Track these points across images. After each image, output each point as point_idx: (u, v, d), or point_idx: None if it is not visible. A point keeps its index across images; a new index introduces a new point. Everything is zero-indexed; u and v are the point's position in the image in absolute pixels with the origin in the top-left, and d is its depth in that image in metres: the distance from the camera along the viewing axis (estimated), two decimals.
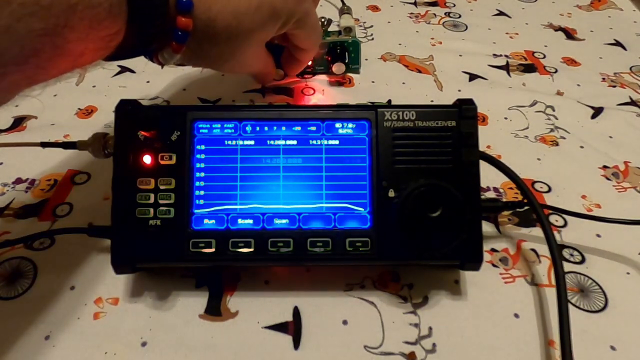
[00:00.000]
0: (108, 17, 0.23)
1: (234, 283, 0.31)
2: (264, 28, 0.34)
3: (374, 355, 0.28)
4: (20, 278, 0.32)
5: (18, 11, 0.19)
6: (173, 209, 0.28)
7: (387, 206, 0.28)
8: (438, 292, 0.31)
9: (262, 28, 0.34)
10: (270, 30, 0.35)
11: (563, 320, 0.27)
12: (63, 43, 0.22)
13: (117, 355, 0.28)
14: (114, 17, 0.24)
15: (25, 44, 0.20)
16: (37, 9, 0.20)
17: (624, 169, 0.40)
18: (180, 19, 0.28)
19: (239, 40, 0.33)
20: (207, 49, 0.32)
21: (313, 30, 0.39)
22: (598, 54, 0.54)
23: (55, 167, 0.39)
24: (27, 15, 0.19)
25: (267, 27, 0.34)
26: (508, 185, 0.38)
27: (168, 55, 0.30)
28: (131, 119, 0.29)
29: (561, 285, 0.28)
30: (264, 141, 0.29)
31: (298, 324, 0.29)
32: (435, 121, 0.29)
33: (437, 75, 0.50)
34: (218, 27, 0.31)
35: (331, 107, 0.30)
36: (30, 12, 0.19)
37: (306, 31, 0.39)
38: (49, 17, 0.20)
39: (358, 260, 0.29)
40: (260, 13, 0.32)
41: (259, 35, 0.34)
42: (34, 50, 0.21)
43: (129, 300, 0.31)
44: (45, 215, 0.35)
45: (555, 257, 0.29)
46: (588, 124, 0.45)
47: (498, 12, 0.62)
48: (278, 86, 0.48)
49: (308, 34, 0.39)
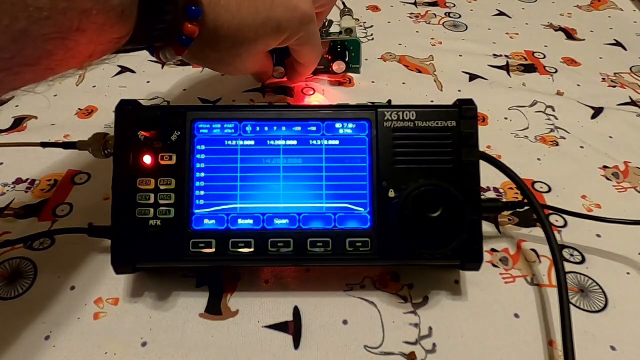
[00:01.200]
0: (120, 20, 0.23)
1: (234, 282, 0.31)
2: (266, 41, 0.35)
3: (374, 355, 0.28)
4: (20, 278, 0.32)
5: (35, 15, 0.19)
6: (173, 209, 0.28)
7: (387, 206, 0.28)
8: (438, 292, 0.31)
9: (264, 41, 0.34)
10: (272, 43, 0.36)
11: (565, 320, 0.27)
12: (75, 45, 0.22)
13: (117, 355, 0.28)
14: (125, 21, 0.24)
15: (39, 46, 0.20)
16: (52, 13, 0.20)
17: (624, 169, 0.40)
18: (187, 25, 0.28)
19: (241, 49, 0.33)
20: (208, 53, 0.33)
21: (313, 49, 0.40)
22: (598, 54, 0.54)
23: (55, 167, 0.39)
24: (43, 19, 0.20)
25: (269, 41, 0.35)
26: (508, 185, 0.38)
27: (170, 55, 0.30)
28: (131, 119, 0.29)
29: (562, 285, 0.28)
30: (264, 141, 0.29)
31: (298, 324, 0.29)
32: (435, 121, 0.29)
33: (437, 75, 0.50)
34: (222, 36, 0.31)
35: (331, 107, 0.30)
36: (46, 16, 0.20)
37: (307, 49, 0.40)
38: (64, 21, 0.20)
39: (358, 260, 0.29)
40: (264, 28, 0.33)
41: (261, 46, 0.35)
42: (46, 52, 0.21)
43: (129, 300, 0.31)
44: (45, 215, 0.35)
45: (556, 257, 0.29)
46: (588, 124, 0.45)
47: (498, 12, 0.62)
48: (278, 86, 0.48)
49: (308, 51, 0.40)
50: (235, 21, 0.31)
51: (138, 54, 0.31)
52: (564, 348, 0.27)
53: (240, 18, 0.31)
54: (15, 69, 0.21)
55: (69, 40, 0.21)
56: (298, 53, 0.40)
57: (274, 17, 0.33)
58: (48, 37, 0.20)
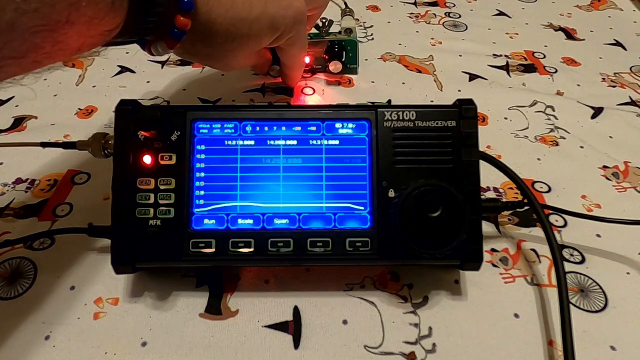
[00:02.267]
0: (110, 12, 0.23)
1: (234, 282, 0.31)
2: (259, 38, 0.34)
3: (374, 355, 0.28)
4: (20, 278, 0.32)
5: (22, 7, 0.19)
6: (173, 209, 0.28)
7: (387, 206, 0.28)
8: (438, 292, 0.31)
9: (257, 37, 0.34)
10: (264, 41, 0.35)
11: (565, 320, 0.27)
12: (63, 38, 0.22)
13: (117, 355, 0.28)
14: (115, 12, 0.23)
15: (26, 39, 0.20)
16: (40, 6, 0.19)
17: (624, 169, 0.40)
18: (179, 17, 0.28)
19: (233, 45, 0.33)
20: (200, 48, 0.33)
21: (300, 50, 0.41)
22: (598, 54, 0.54)
23: (55, 167, 0.39)
24: (31, 11, 0.19)
25: (262, 38, 0.35)
26: (508, 185, 0.38)
27: (161, 49, 0.30)
28: (131, 119, 0.29)
29: (562, 286, 0.28)
30: (264, 141, 0.29)
31: (298, 324, 0.29)
32: (435, 121, 0.29)
33: (437, 75, 0.50)
34: (215, 30, 0.31)
35: (331, 107, 0.30)
36: (34, 9, 0.19)
37: (294, 50, 0.40)
38: (52, 14, 0.20)
39: (358, 260, 0.29)
40: (258, 23, 0.33)
41: (253, 43, 0.35)
42: (34, 44, 0.21)
43: (129, 300, 0.31)
44: (45, 215, 0.35)
45: (556, 257, 0.29)
46: (588, 124, 0.45)
47: (498, 12, 0.62)
48: (278, 86, 0.48)
49: (295, 52, 0.40)
50: (228, 15, 0.31)
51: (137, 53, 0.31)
52: (564, 348, 0.27)
53: (233, 12, 0.31)
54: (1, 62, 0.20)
55: (57, 33, 0.21)
56: (285, 53, 0.40)
57: (268, 13, 0.33)
58: (36, 30, 0.20)
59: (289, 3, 0.34)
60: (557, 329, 0.29)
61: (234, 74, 0.49)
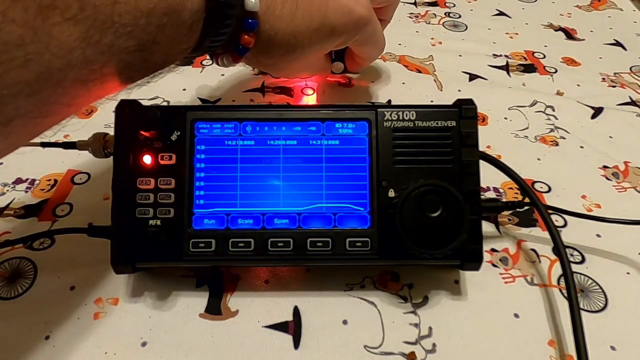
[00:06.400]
0: (188, 33, 0.26)
1: (234, 282, 0.31)
2: (321, 46, 0.35)
3: (374, 355, 0.28)
4: (20, 278, 0.32)
5: (120, 31, 0.21)
6: (173, 209, 0.28)
7: (387, 206, 0.28)
8: (438, 292, 0.31)
9: (319, 46, 0.35)
10: (327, 47, 0.36)
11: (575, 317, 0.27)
12: (149, 57, 0.24)
13: (117, 355, 0.28)
14: (192, 33, 0.26)
15: (122, 58, 0.22)
16: (134, 29, 0.22)
17: (624, 169, 0.40)
18: (244, 36, 0.30)
19: (294, 55, 0.34)
20: (262, 59, 0.34)
21: (374, 47, 0.40)
22: (598, 54, 0.54)
23: (55, 167, 0.39)
24: (126, 34, 0.21)
25: (324, 45, 0.35)
26: (508, 185, 0.38)
27: (227, 62, 0.32)
28: (131, 119, 0.29)
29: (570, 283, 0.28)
30: (264, 141, 0.29)
31: (298, 324, 0.29)
32: (435, 121, 0.29)
33: (437, 75, 0.50)
34: (276, 43, 0.32)
35: (331, 107, 0.30)
36: (129, 32, 0.22)
37: (366, 48, 0.40)
38: (143, 36, 0.22)
39: (358, 260, 0.29)
40: (318, 33, 0.33)
41: (315, 51, 0.35)
42: (126, 63, 0.23)
43: (129, 300, 0.31)
44: (45, 215, 0.35)
45: (562, 255, 0.29)
46: (588, 124, 0.45)
47: (498, 12, 0.62)
48: (278, 86, 0.48)
49: (368, 49, 0.40)
50: (288, 29, 0.32)
51: None
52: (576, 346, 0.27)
53: (294, 26, 0.32)
54: (102, 79, 0.22)
55: (145, 51, 0.23)
56: (358, 51, 0.41)
57: (328, 23, 0.33)
58: (129, 50, 0.22)
59: (350, 9, 0.34)
60: (557, 329, 0.29)
61: (234, 74, 0.49)
